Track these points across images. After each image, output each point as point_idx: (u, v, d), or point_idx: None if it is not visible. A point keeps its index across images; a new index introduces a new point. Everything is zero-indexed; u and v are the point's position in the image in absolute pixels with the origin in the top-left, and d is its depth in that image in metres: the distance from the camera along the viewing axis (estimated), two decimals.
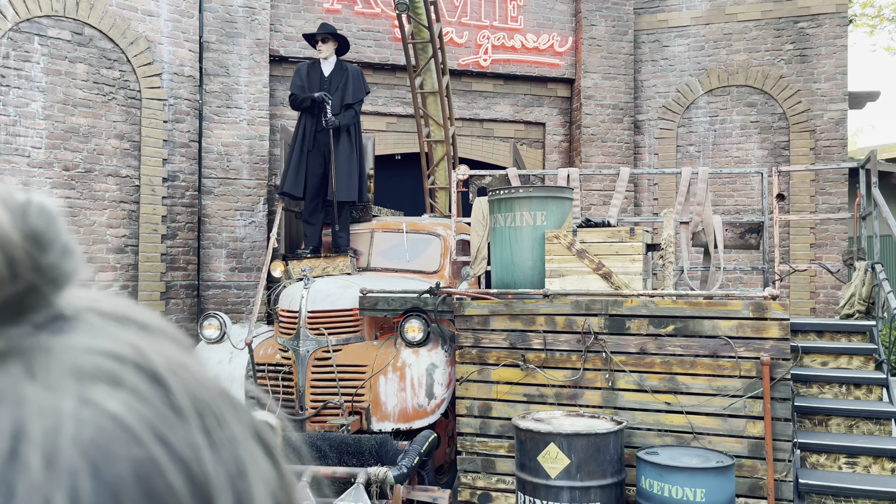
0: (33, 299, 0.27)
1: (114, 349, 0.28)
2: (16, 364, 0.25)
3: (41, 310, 0.27)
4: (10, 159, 6.66)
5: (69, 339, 0.27)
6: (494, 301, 4.92)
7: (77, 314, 0.29)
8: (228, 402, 0.30)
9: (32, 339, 0.27)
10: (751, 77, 9.38)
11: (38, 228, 0.28)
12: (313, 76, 6.54)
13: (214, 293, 8.05)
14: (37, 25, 6.83)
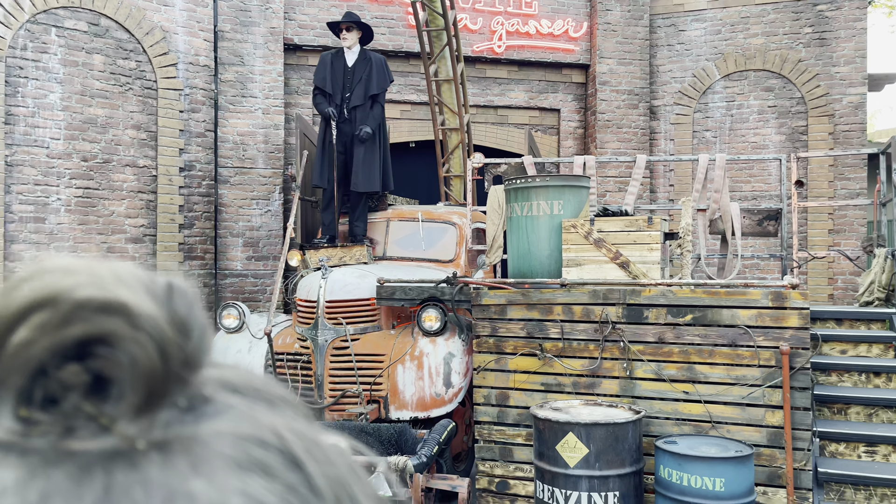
0: (178, 384, 0.28)
1: (257, 435, 0.28)
2: (178, 457, 0.26)
3: (182, 392, 0.28)
4: (29, 150, 6.72)
5: (215, 425, 0.28)
6: (511, 290, 4.92)
7: (212, 394, 0.29)
8: (355, 475, 0.31)
9: (182, 428, 0.27)
10: (768, 61, 9.27)
11: (182, 315, 0.28)
12: (337, 67, 6.51)
13: (231, 282, 8.11)
14: (53, 17, 6.86)
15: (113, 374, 0.26)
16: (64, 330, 0.26)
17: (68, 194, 6.96)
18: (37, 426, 0.26)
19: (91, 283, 0.26)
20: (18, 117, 6.66)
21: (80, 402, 0.26)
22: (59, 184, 6.90)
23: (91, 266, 0.27)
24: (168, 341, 0.27)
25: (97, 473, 0.25)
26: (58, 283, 0.26)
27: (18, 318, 0.26)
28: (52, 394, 0.26)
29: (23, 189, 6.69)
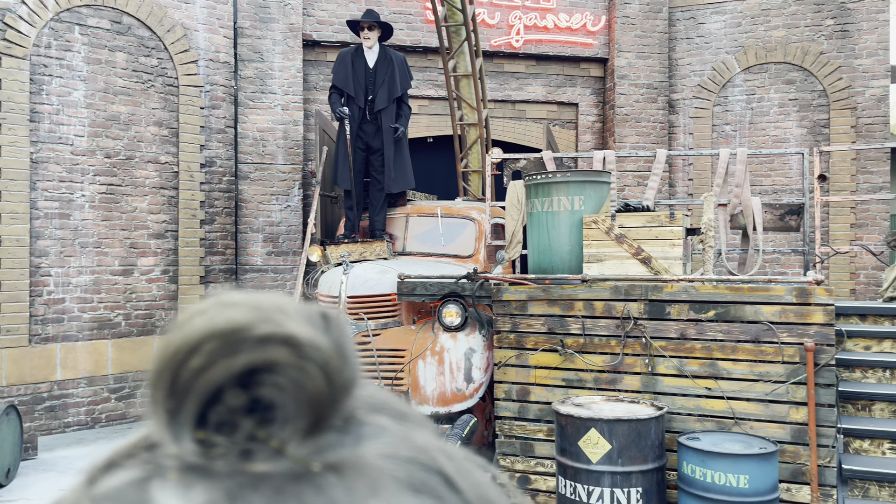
0: (338, 408, 0.30)
1: (417, 457, 0.30)
2: (356, 480, 0.28)
3: (340, 416, 0.30)
4: (54, 147, 6.81)
5: (375, 447, 0.30)
6: (532, 286, 4.93)
7: (363, 416, 0.31)
8: (500, 495, 0.33)
9: (346, 450, 0.29)
10: (789, 54, 9.17)
11: (340, 343, 0.30)
12: (358, 67, 6.43)
13: (252, 277, 8.18)
14: (77, 15, 6.94)
15: (279, 400, 0.28)
16: (235, 359, 0.27)
17: (92, 191, 7.04)
18: (213, 448, 0.27)
19: (261, 316, 0.28)
20: (43, 115, 6.74)
21: (251, 427, 0.28)
22: (83, 180, 6.99)
23: (258, 299, 0.29)
24: (331, 368, 0.29)
25: (290, 495, 0.26)
26: (231, 316, 0.28)
27: (194, 348, 0.28)
28: (224, 419, 0.28)
29: (48, 186, 6.79)
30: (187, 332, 0.28)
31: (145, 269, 7.42)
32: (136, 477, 0.27)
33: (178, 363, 0.28)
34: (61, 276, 6.87)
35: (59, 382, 6.83)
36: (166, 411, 0.28)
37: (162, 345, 0.29)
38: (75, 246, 6.96)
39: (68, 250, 6.92)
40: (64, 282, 6.89)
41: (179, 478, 0.27)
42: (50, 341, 6.79)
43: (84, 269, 7.01)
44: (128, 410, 7.30)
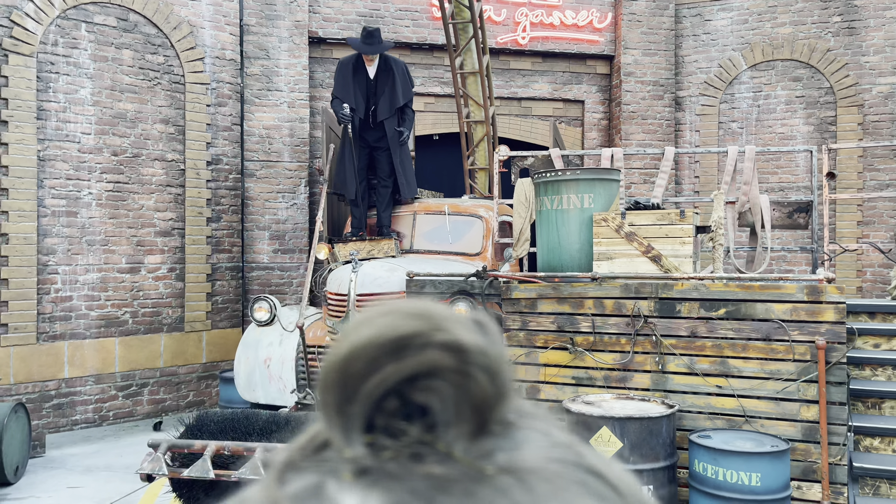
0: (498, 412, 0.30)
1: (580, 461, 0.30)
2: (535, 483, 0.28)
3: (499, 419, 0.30)
4: (61, 145, 6.81)
5: (535, 449, 0.30)
6: (542, 284, 4.93)
7: (514, 419, 0.31)
8: (642, 488, 0.32)
9: (510, 453, 0.29)
10: (796, 50, 9.15)
11: (500, 349, 0.30)
12: (359, 78, 6.31)
13: (258, 275, 8.18)
14: (83, 12, 6.93)
15: (445, 404, 0.28)
16: (404, 365, 0.27)
17: (99, 188, 7.05)
18: (383, 451, 0.27)
19: (429, 324, 0.28)
20: (50, 112, 6.74)
21: (418, 431, 0.28)
22: (90, 178, 6.99)
23: (422, 308, 0.29)
24: (494, 373, 0.29)
25: (475, 497, 0.26)
26: (400, 324, 0.28)
27: (364, 356, 0.28)
28: (391, 423, 0.28)
29: (55, 184, 6.79)
30: (357, 340, 0.28)
31: (152, 266, 7.42)
32: (317, 479, 0.27)
33: (349, 370, 0.28)
34: (69, 274, 6.88)
35: (67, 380, 6.84)
36: (338, 415, 0.28)
37: (331, 352, 0.29)
38: (82, 244, 6.96)
39: (75, 248, 6.92)
40: (71, 279, 6.89)
41: (354, 480, 0.27)
42: (57, 339, 6.80)
43: (91, 266, 7.01)
44: (135, 408, 7.31)
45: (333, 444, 0.28)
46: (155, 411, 7.43)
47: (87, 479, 5.87)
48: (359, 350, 0.28)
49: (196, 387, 7.70)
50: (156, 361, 7.41)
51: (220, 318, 7.89)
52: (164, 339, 7.47)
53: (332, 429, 0.28)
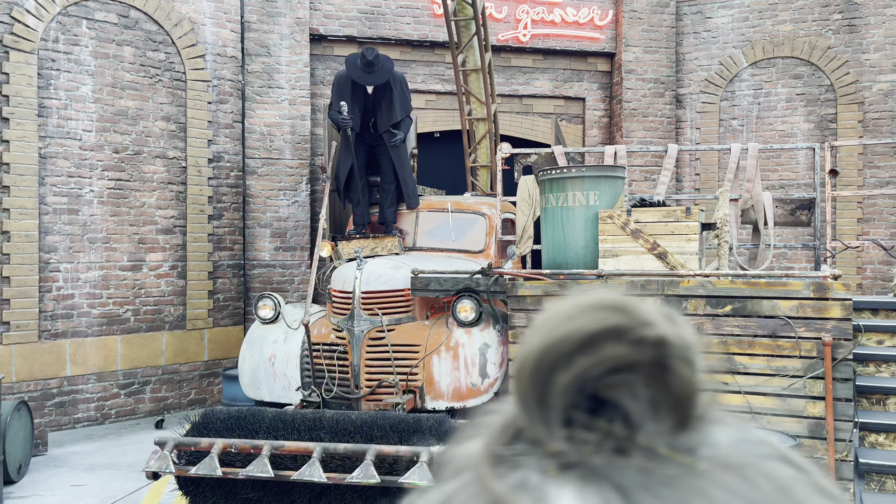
0: (696, 406, 0.29)
1: (775, 454, 0.29)
2: (757, 478, 0.27)
3: (698, 413, 0.29)
4: (62, 143, 6.79)
5: (739, 445, 0.29)
6: (547, 282, 4.93)
7: (706, 413, 0.30)
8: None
9: (716, 448, 0.28)
10: (797, 48, 9.16)
11: (694, 337, 0.30)
12: (357, 94, 6.20)
13: (260, 272, 8.17)
14: (84, 9, 6.90)
15: (645, 399, 0.27)
16: (602, 359, 0.27)
17: (101, 186, 7.02)
18: (584, 446, 0.27)
19: (631, 319, 0.28)
20: (51, 109, 6.71)
21: (617, 426, 0.27)
22: (91, 175, 6.96)
23: (619, 301, 0.29)
24: (695, 368, 0.28)
25: (699, 493, 0.26)
26: (604, 319, 0.27)
27: (567, 350, 0.27)
28: (589, 418, 0.27)
29: (56, 181, 6.76)
30: (558, 333, 0.28)
31: (154, 264, 7.40)
32: (526, 474, 0.27)
33: (551, 363, 0.27)
34: (70, 272, 6.86)
35: (69, 378, 6.82)
36: (538, 408, 0.28)
37: (529, 343, 0.28)
38: (84, 241, 6.94)
39: (77, 246, 6.90)
40: (73, 277, 6.87)
41: (560, 475, 0.26)
42: (59, 337, 6.78)
43: (93, 264, 6.99)
44: (137, 406, 7.30)
45: (531, 438, 0.28)
46: (157, 409, 7.41)
47: (91, 478, 5.85)
48: (560, 343, 0.27)
49: (198, 385, 7.69)
50: (158, 359, 7.39)
51: (222, 316, 7.88)
52: (166, 336, 7.46)
53: (532, 422, 0.28)
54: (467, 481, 0.28)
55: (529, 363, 0.28)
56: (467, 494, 0.27)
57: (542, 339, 0.28)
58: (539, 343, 0.28)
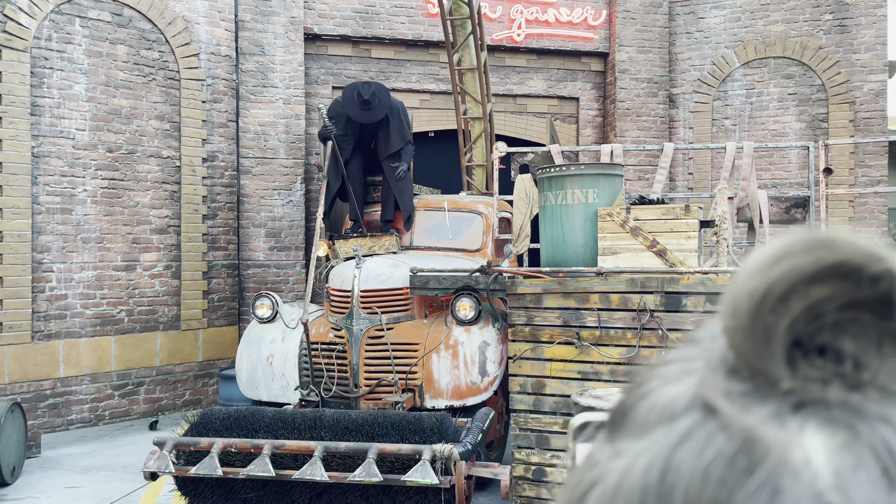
0: None
1: None
2: None
3: None
4: (55, 142, 6.73)
5: None
6: (547, 279, 4.93)
7: None
8: None
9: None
10: (788, 48, 9.23)
11: None
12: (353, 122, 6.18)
13: (254, 272, 8.13)
14: (77, 7, 6.84)
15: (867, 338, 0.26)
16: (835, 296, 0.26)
17: (94, 185, 6.96)
18: (815, 382, 0.26)
19: (864, 253, 0.27)
20: (44, 108, 6.65)
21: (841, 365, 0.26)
22: (84, 175, 6.90)
23: (843, 238, 0.28)
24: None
25: None
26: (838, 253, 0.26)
27: (792, 288, 0.26)
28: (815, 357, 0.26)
29: (49, 180, 6.70)
30: (781, 272, 0.27)
31: (148, 264, 7.35)
32: (762, 411, 0.26)
33: (778, 301, 0.26)
34: (63, 272, 6.80)
35: (62, 379, 6.76)
36: (765, 347, 0.27)
37: (750, 284, 0.27)
38: (77, 241, 6.88)
39: (70, 246, 6.84)
40: (66, 277, 6.81)
41: (796, 412, 0.25)
42: (53, 338, 6.71)
43: (86, 264, 6.93)
44: (131, 407, 7.24)
45: (752, 377, 0.27)
46: (151, 410, 7.35)
47: (85, 479, 5.80)
48: (783, 281, 0.26)
49: (192, 385, 7.64)
50: (152, 360, 7.34)
51: (217, 316, 7.83)
52: (160, 337, 7.40)
53: (758, 361, 0.27)
54: (695, 423, 0.27)
55: (750, 302, 0.27)
56: (702, 436, 0.26)
57: (764, 278, 0.27)
58: (761, 281, 0.27)
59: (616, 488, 0.26)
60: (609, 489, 0.27)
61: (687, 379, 0.28)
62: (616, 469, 0.27)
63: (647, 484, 0.25)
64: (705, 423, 0.26)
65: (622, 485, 0.26)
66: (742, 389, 0.27)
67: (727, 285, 0.30)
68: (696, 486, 0.25)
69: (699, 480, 0.25)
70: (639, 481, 0.26)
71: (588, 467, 0.29)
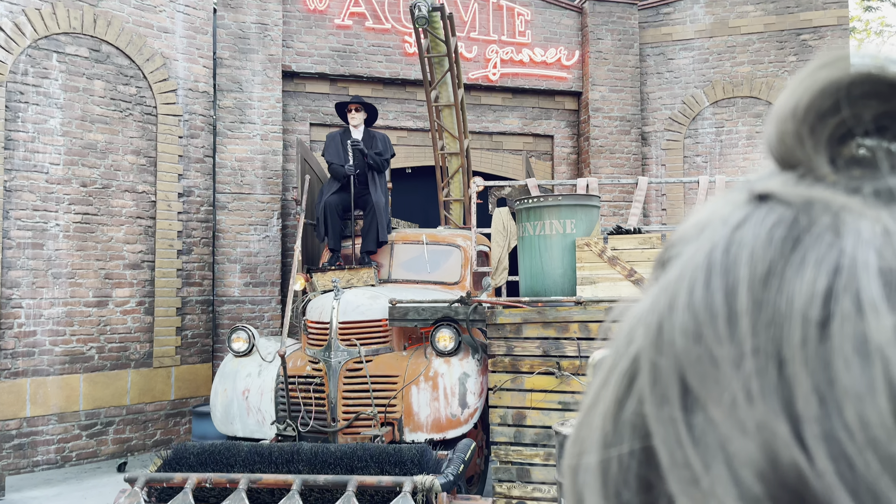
0: None
1: None
2: None
3: None
4: (28, 176, 6.64)
5: None
6: (527, 309, 4.93)
7: None
8: None
9: None
10: (755, 88, 9.51)
11: None
12: (346, 144, 6.65)
13: (229, 308, 8.02)
14: (55, 42, 6.84)
15: None
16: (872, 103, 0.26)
17: (67, 220, 6.86)
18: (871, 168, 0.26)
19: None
20: (18, 142, 6.59)
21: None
22: (57, 209, 6.81)
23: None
24: None
25: None
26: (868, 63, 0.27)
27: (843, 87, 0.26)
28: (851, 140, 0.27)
29: (21, 215, 6.59)
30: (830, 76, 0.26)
31: (120, 300, 7.21)
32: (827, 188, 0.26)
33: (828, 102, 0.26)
34: (33, 308, 6.64)
35: (29, 419, 6.55)
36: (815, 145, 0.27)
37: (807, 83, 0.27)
38: (48, 277, 6.74)
39: (41, 281, 6.70)
40: (36, 314, 6.65)
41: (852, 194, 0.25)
42: (20, 376, 6.52)
43: (57, 300, 6.78)
44: (99, 448, 7.02)
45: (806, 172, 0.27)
46: (120, 451, 7.14)
47: None
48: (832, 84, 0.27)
49: (164, 425, 7.44)
50: (122, 399, 7.15)
51: (190, 353, 7.68)
52: (132, 375, 7.23)
53: (810, 156, 0.27)
54: (751, 210, 0.26)
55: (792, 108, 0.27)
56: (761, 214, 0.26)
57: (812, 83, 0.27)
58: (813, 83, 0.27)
59: (678, 277, 0.26)
60: (671, 279, 0.27)
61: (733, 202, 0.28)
62: (674, 267, 0.27)
63: (711, 262, 0.25)
64: (761, 206, 0.26)
65: (684, 272, 0.26)
66: (794, 179, 0.27)
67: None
68: (760, 249, 0.25)
69: (763, 243, 0.25)
70: (703, 261, 0.26)
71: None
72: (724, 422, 0.23)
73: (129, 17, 7.33)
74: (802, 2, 9.45)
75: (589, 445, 0.27)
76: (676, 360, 0.25)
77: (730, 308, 0.24)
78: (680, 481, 0.24)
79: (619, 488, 0.26)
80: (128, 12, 7.32)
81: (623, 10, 9.63)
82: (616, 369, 0.28)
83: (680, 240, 0.29)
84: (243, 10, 8.29)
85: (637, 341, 0.27)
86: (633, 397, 0.26)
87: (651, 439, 0.25)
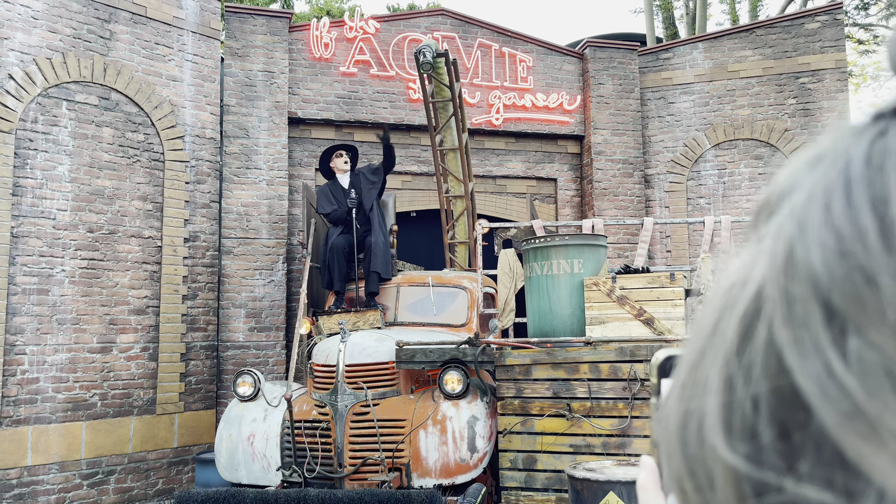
0: None
1: None
2: None
3: None
4: (35, 222, 6.67)
5: None
6: (536, 350, 4.88)
7: None
8: None
9: None
10: (756, 130, 9.60)
11: None
12: (336, 192, 6.82)
13: (233, 354, 7.95)
14: (65, 90, 6.95)
15: None
16: None
17: (73, 266, 6.87)
18: None
19: None
20: (26, 189, 6.63)
21: None
22: (64, 255, 6.82)
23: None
24: None
25: None
26: None
27: None
28: None
29: (27, 261, 6.60)
30: None
31: (124, 346, 7.16)
32: None
33: None
34: (36, 355, 6.59)
35: (30, 468, 6.43)
36: None
37: None
38: (53, 322, 6.71)
39: (45, 327, 6.66)
40: (39, 360, 6.60)
41: None
42: (21, 424, 6.43)
43: (61, 346, 6.73)
44: (100, 498, 6.87)
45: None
46: (121, 501, 6.99)
47: None
48: None
49: (166, 473, 7.31)
50: (124, 447, 7.04)
51: (194, 400, 7.59)
52: (134, 422, 7.13)
53: None
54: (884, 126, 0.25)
55: None
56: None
57: None
58: None
59: (806, 200, 0.24)
60: (796, 205, 0.25)
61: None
62: (791, 201, 0.25)
63: (849, 176, 0.24)
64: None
65: (813, 194, 0.24)
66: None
67: None
68: None
69: None
70: (837, 177, 0.24)
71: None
72: (889, 342, 0.21)
73: (139, 66, 7.46)
74: (800, 46, 9.61)
75: (705, 389, 0.25)
76: (815, 283, 0.23)
77: (881, 219, 0.22)
78: (837, 414, 0.22)
79: (754, 430, 0.24)
80: (137, 61, 7.46)
81: (623, 55, 9.79)
82: (732, 313, 0.26)
83: (788, 182, 0.27)
84: (250, 59, 8.44)
85: (756, 278, 0.25)
86: (757, 335, 0.24)
87: (788, 376, 0.23)
